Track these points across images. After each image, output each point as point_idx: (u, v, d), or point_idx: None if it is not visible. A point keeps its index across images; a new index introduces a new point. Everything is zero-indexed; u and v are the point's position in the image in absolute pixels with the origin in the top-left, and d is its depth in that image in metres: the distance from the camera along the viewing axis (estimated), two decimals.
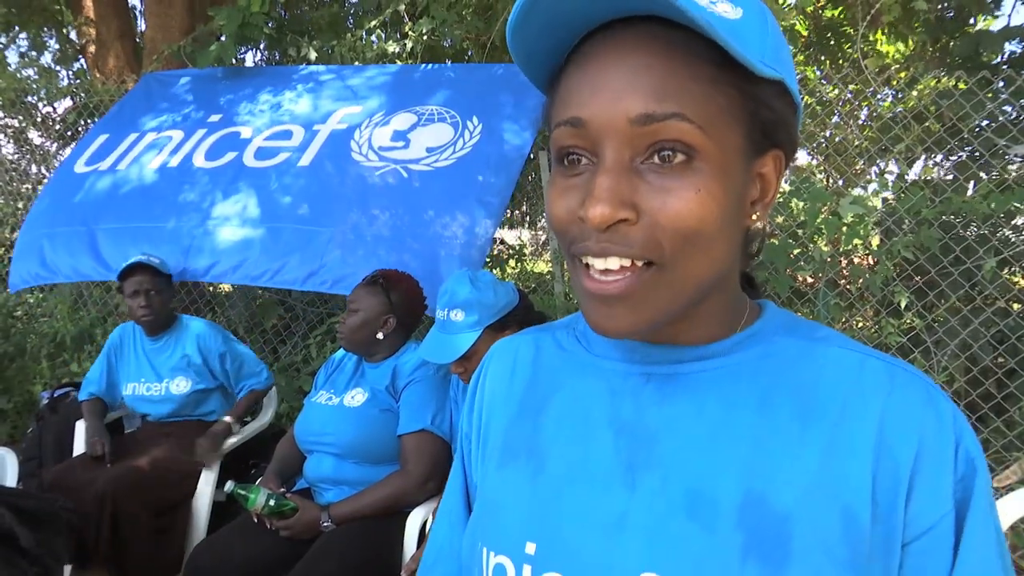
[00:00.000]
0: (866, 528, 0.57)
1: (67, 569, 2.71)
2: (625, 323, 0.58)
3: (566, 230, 0.59)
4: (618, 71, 0.55)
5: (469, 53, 4.14)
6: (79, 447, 3.00)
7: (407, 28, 3.97)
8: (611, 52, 0.56)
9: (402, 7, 4.00)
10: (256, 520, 2.22)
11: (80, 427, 3.04)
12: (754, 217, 0.62)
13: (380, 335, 2.35)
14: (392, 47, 4.04)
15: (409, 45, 3.94)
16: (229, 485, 2.19)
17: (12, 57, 7.34)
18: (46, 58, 7.38)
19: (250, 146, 3.31)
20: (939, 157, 3.48)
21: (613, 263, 0.57)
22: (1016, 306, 3.11)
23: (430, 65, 3.63)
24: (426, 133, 3.10)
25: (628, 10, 0.54)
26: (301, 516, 2.16)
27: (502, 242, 5.53)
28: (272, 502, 2.14)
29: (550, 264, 4.61)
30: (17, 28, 7.08)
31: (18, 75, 5.79)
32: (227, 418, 2.88)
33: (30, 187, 5.81)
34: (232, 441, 2.87)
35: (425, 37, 3.93)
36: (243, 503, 2.16)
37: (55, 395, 3.52)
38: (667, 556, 0.59)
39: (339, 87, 3.55)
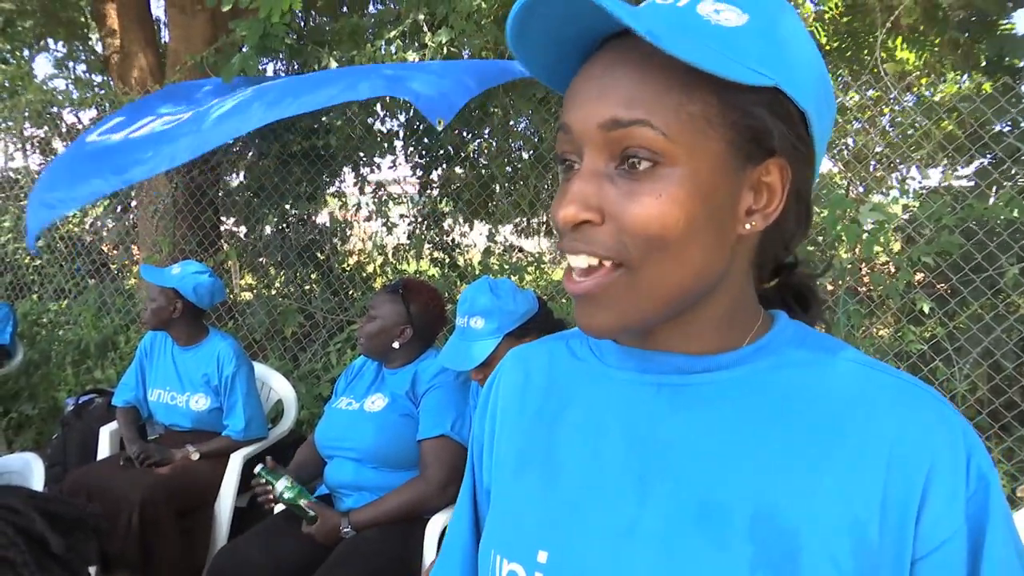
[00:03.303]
0: (875, 542, 0.57)
1: (92, 571, 2.74)
2: (601, 322, 0.61)
3: (557, 230, 0.62)
4: (596, 81, 0.58)
5: None
6: (103, 452, 3.04)
7: (426, 38, 4.00)
8: (595, 64, 0.59)
9: (421, 17, 4.03)
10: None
11: (104, 433, 3.08)
12: (748, 227, 0.61)
13: (396, 344, 2.36)
14: (412, 56, 4.07)
15: (428, 56, 3.97)
16: (259, 467, 2.22)
17: (38, 67, 7.47)
18: (80, 68, 7.50)
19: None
20: (960, 163, 3.45)
21: (582, 260, 0.60)
22: None
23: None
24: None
25: (604, 29, 0.58)
26: (322, 523, 2.18)
27: (521, 250, 5.54)
28: (290, 494, 2.16)
29: None
30: (45, 40, 7.19)
31: (44, 86, 5.88)
32: (194, 454, 2.81)
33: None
34: (250, 450, 2.89)
35: (444, 47, 3.96)
36: None
37: (80, 401, 3.56)
38: (676, 567, 0.60)
39: None
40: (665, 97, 0.56)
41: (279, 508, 2.33)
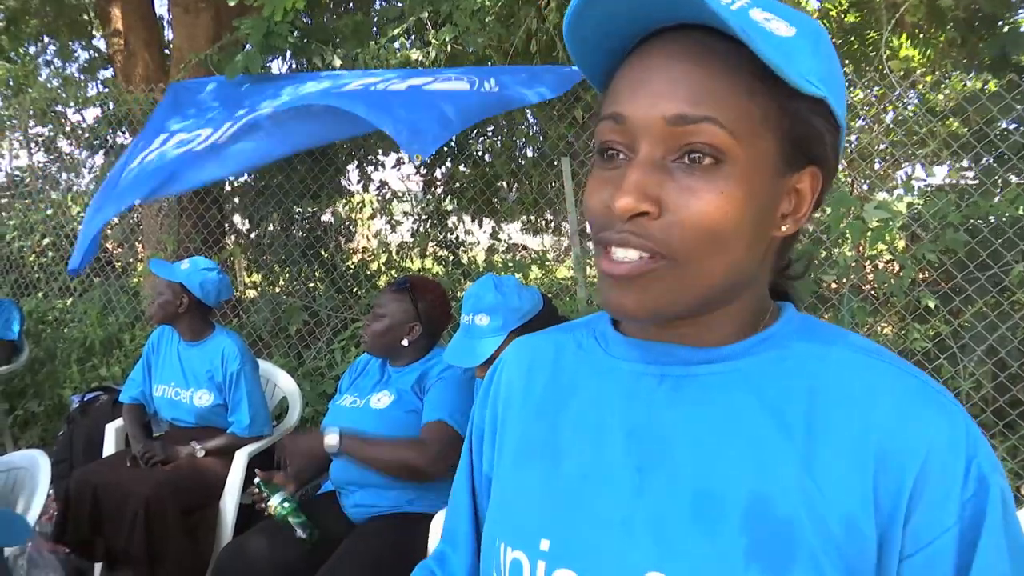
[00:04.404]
0: (869, 537, 0.57)
1: (97, 568, 2.76)
2: (635, 304, 0.61)
3: (597, 219, 0.62)
4: (660, 74, 0.58)
5: (491, 60, 4.17)
6: (108, 449, 3.05)
7: (430, 36, 4.00)
8: (656, 56, 0.59)
9: (425, 15, 4.03)
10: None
11: (110, 429, 3.09)
12: (784, 229, 0.63)
13: (405, 342, 2.36)
14: (415, 55, 4.07)
15: (432, 53, 3.97)
16: (257, 479, 2.22)
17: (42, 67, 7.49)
18: (73, 68, 7.51)
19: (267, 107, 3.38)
20: (966, 161, 3.45)
21: (632, 254, 0.60)
22: None
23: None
24: (442, 84, 3.17)
25: (673, 19, 0.58)
26: (310, 436, 2.20)
27: (524, 248, 5.55)
28: (286, 506, 2.15)
29: (572, 270, 4.62)
30: (47, 39, 7.21)
31: (48, 85, 5.90)
32: (200, 451, 2.83)
33: (59, 194, 5.92)
34: (255, 447, 2.90)
35: (448, 45, 3.96)
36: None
37: (85, 399, 3.57)
38: (672, 556, 0.61)
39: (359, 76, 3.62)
40: (731, 96, 0.57)
41: None
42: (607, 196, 0.60)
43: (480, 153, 5.43)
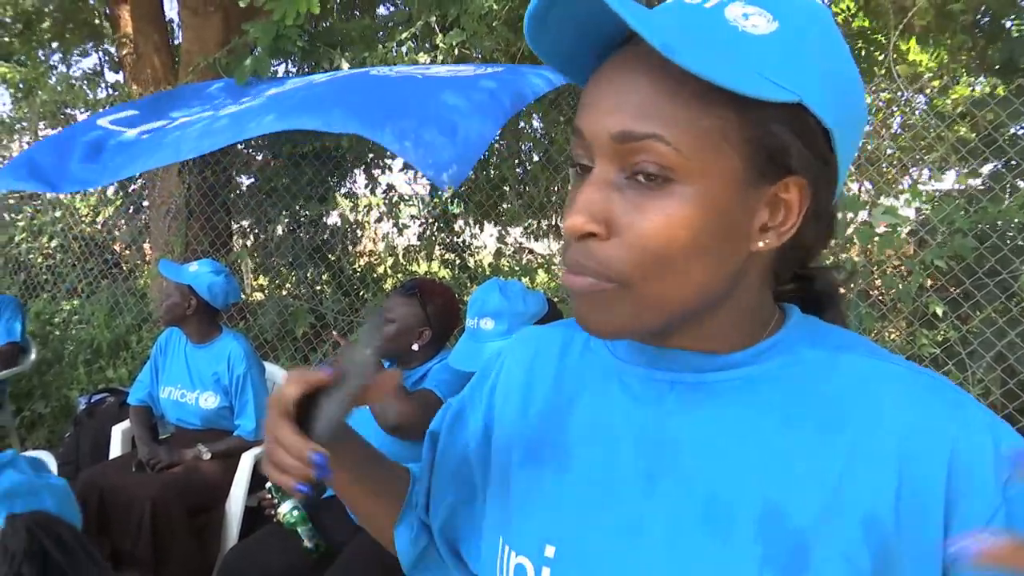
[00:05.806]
0: (892, 537, 0.56)
1: None
2: (600, 325, 0.61)
3: (564, 235, 0.61)
4: (610, 87, 0.56)
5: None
6: (115, 451, 3.05)
7: (438, 40, 4.01)
8: (610, 68, 0.57)
9: (433, 19, 4.04)
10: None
11: (116, 431, 3.09)
12: (761, 244, 0.59)
13: (415, 346, 2.34)
14: (423, 58, 4.08)
15: (440, 57, 3.97)
16: (269, 484, 2.22)
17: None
18: (78, 74, 7.56)
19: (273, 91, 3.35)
20: (974, 166, 3.43)
21: (584, 281, 0.58)
22: None
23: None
24: (447, 68, 3.17)
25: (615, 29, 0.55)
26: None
27: (531, 252, 5.54)
28: (295, 514, 2.15)
29: None
30: (57, 44, 7.25)
31: (58, 88, 5.94)
32: (206, 454, 2.83)
33: (67, 196, 5.94)
34: (261, 450, 2.89)
35: (455, 49, 3.96)
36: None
37: (92, 400, 3.58)
38: (681, 565, 0.60)
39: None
40: (680, 110, 0.53)
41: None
42: None
43: (487, 156, 5.43)
